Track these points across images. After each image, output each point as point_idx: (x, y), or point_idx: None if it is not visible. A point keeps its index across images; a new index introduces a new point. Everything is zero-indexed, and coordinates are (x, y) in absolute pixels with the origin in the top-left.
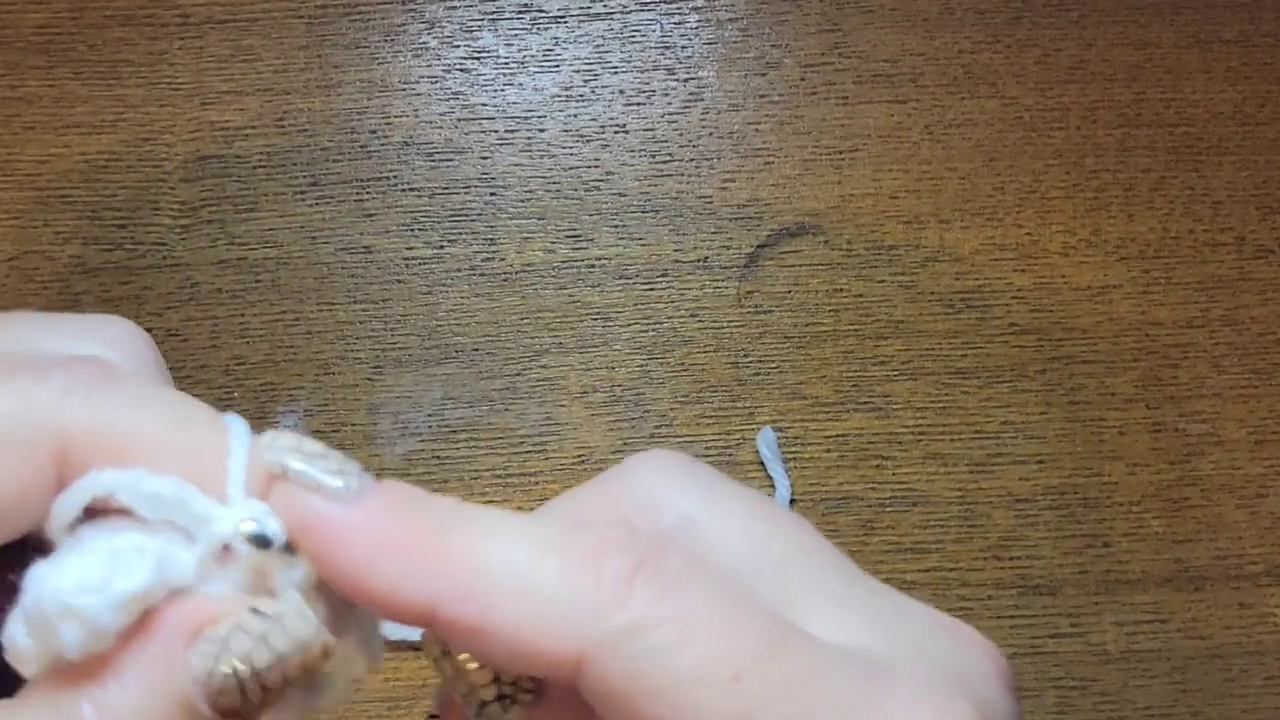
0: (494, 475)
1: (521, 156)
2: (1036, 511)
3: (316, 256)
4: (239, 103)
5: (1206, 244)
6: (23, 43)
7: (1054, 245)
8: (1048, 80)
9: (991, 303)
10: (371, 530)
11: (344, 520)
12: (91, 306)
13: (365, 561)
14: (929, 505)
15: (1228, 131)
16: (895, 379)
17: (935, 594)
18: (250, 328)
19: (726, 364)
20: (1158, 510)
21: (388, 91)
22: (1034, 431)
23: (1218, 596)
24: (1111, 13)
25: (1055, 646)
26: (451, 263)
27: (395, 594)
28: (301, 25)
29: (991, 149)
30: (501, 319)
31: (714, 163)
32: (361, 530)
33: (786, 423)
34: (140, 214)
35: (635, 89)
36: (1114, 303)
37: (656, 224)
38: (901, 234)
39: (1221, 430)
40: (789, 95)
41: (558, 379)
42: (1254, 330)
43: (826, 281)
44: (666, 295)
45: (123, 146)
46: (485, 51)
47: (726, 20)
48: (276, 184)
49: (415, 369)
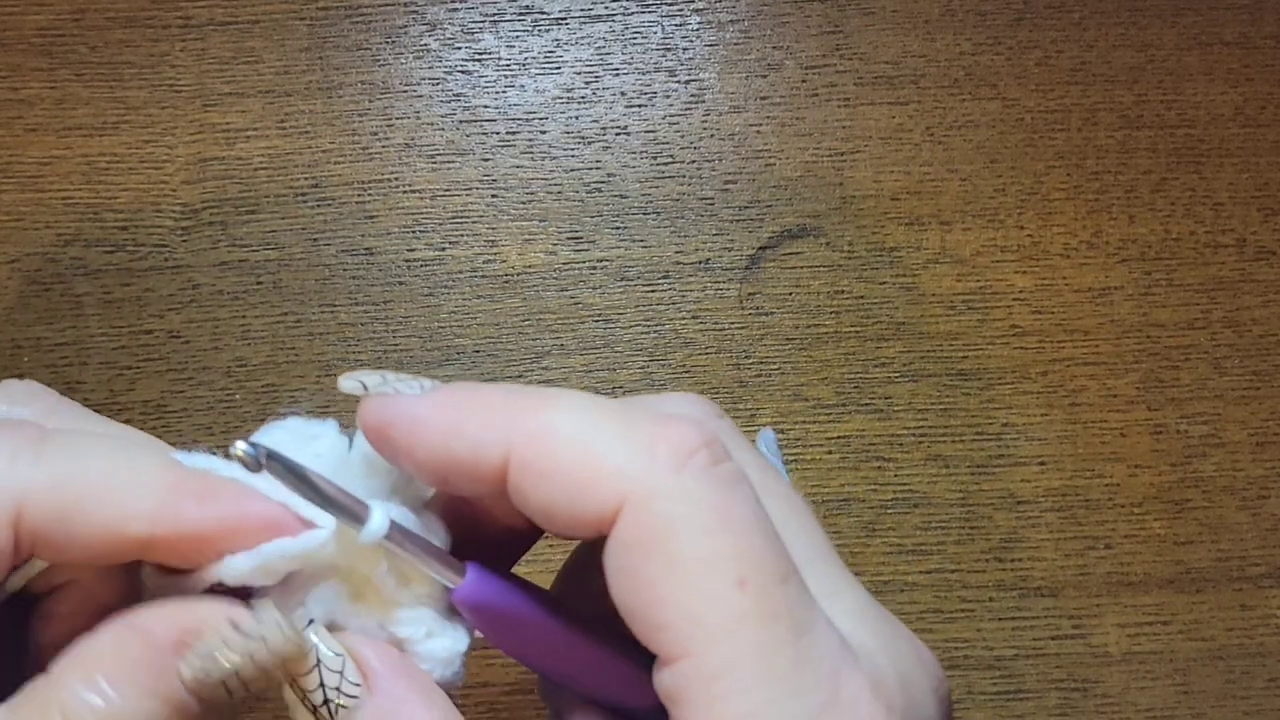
0: None
1: (523, 158)
2: (1038, 513)
3: (318, 258)
4: (240, 104)
5: (1208, 246)
6: (25, 45)
7: (1055, 247)
8: (1049, 82)
9: (993, 304)
10: (450, 404)
11: (426, 404)
12: (93, 308)
13: (449, 425)
14: (930, 507)
15: (1229, 133)
16: (897, 380)
17: (937, 595)
18: (252, 329)
19: (728, 366)
20: (1159, 512)
21: (389, 93)
22: (1035, 433)
23: (1219, 598)
24: (1113, 14)
25: (1057, 648)
26: (453, 264)
27: (477, 448)
28: (303, 27)
29: (993, 150)
30: (503, 321)
31: (715, 164)
32: (442, 406)
33: (788, 424)
34: (142, 216)
35: (636, 91)
36: (1115, 304)
37: (658, 226)
38: (903, 235)
39: (1223, 432)
40: (790, 97)
41: (559, 381)
42: (1255, 332)
43: (828, 283)
44: (668, 297)
45: (124, 148)
46: (486, 53)
47: (728, 22)
48: (278, 186)
49: (417, 371)
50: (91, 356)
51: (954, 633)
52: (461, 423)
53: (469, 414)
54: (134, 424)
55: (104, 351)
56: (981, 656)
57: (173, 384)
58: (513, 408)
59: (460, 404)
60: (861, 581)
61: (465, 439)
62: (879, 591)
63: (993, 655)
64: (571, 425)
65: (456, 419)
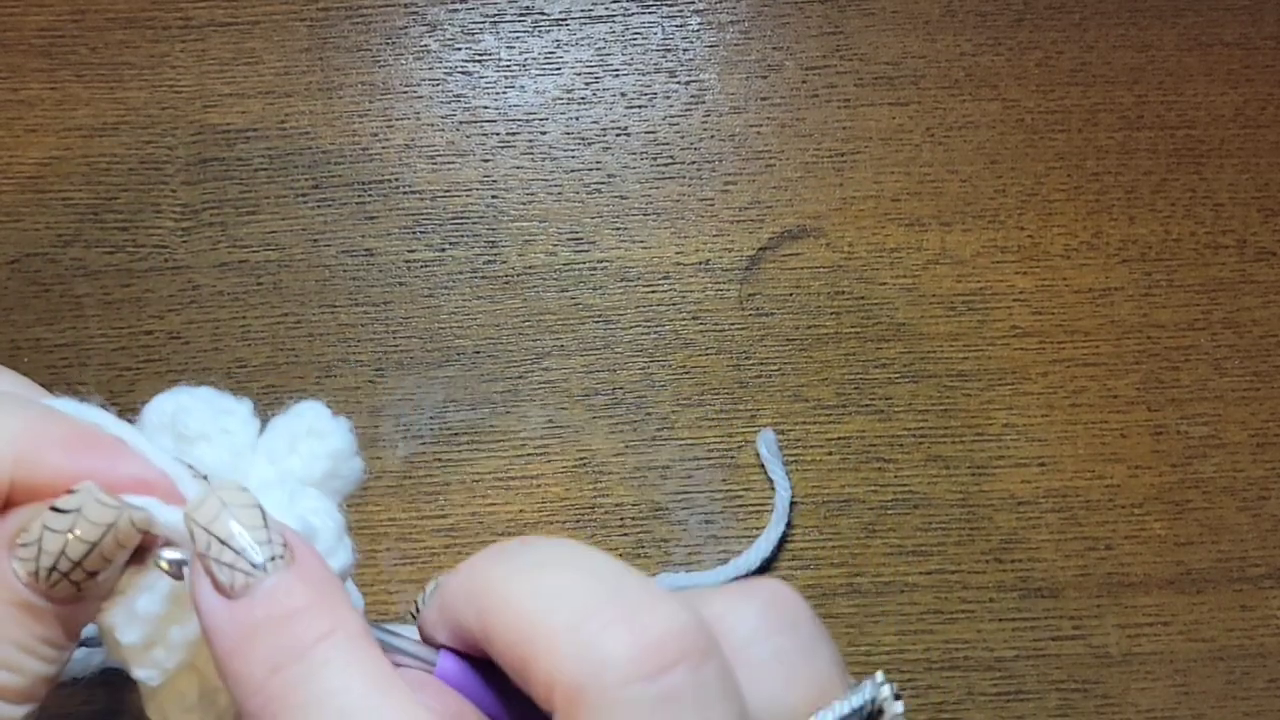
0: (495, 478)
1: (523, 159)
2: (1038, 514)
3: (318, 259)
4: (241, 105)
5: (1208, 246)
6: (25, 45)
7: (1055, 248)
8: (1049, 83)
9: (993, 305)
10: (227, 636)
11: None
12: (93, 309)
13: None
14: (931, 508)
15: (1229, 134)
16: (897, 381)
17: (937, 596)
18: (252, 330)
19: (728, 366)
20: (1159, 513)
21: (389, 94)
22: (1036, 434)
23: (1219, 599)
24: (1113, 15)
25: (1057, 649)
26: (453, 265)
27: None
28: (303, 28)
29: (993, 151)
30: (503, 322)
31: (715, 165)
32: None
33: (788, 425)
34: (142, 217)
35: (637, 92)
36: (1115, 305)
37: (658, 226)
38: (903, 236)
39: (1223, 433)
40: (790, 98)
41: (560, 382)
42: (1255, 333)
43: (828, 284)
44: (668, 298)
45: (124, 149)
46: (487, 54)
47: (728, 23)
48: (278, 187)
49: (417, 372)
50: (91, 358)
51: (954, 634)
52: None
53: (239, 654)
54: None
55: (104, 353)
56: (982, 657)
57: (173, 385)
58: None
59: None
60: (861, 583)
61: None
62: (879, 593)
63: (993, 656)
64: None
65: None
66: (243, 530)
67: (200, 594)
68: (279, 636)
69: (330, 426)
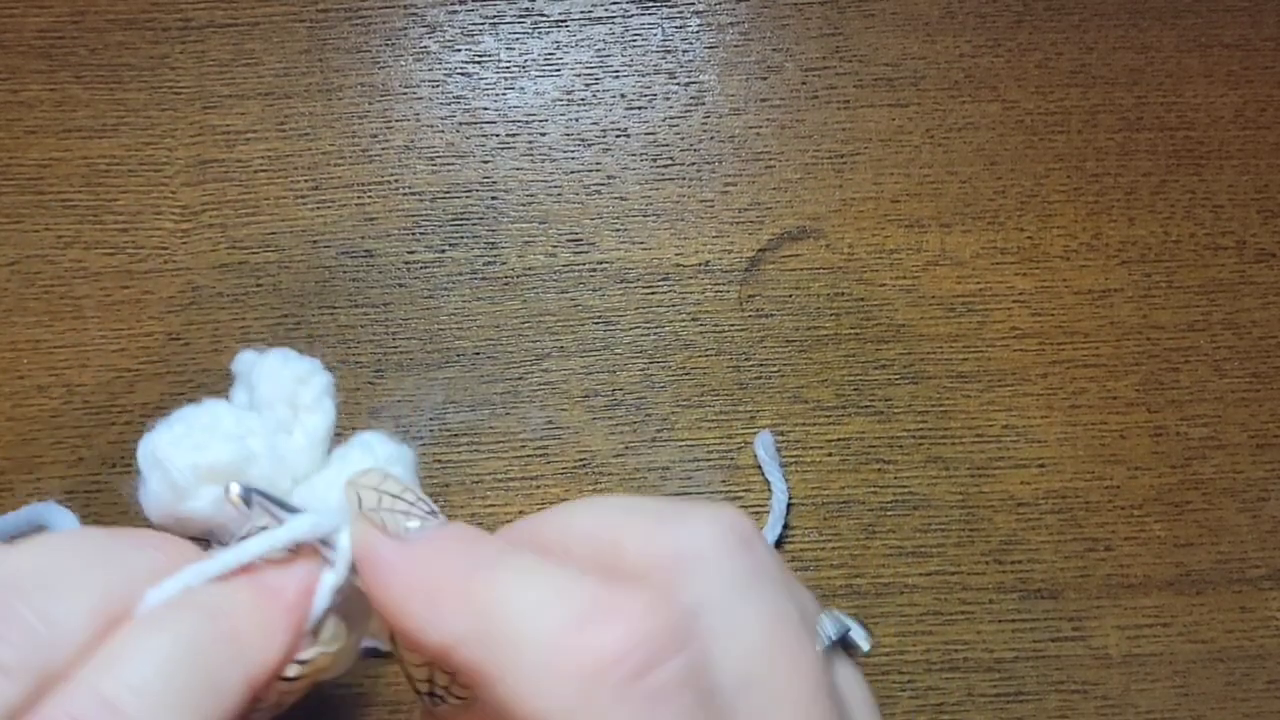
0: (495, 479)
1: (523, 160)
2: (1038, 515)
3: (318, 260)
4: (240, 106)
5: (1208, 248)
6: (24, 47)
7: (1055, 249)
8: (1049, 84)
9: (993, 306)
10: (408, 573)
11: (389, 560)
12: (93, 310)
13: (400, 600)
14: (930, 509)
15: (1229, 135)
16: (896, 383)
17: (937, 598)
18: (252, 332)
19: (728, 368)
20: (1159, 514)
21: (389, 95)
22: (1035, 435)
23: (1219, 600)
24: (1112, 16)
25: (1057, 650)
26: (453, 266)
27: (421, 632)
28: (303, 29)
29: (993, 153)
30: (503, 323)
31: (715, 166)
32: (401, 572)
33: (788, 426)
34: (142, 218)
35: (636, 93)
36: (1115, 306)
37: (658, 228)
38: (902, 238)
39: (1223, 434)
40: (790, 99)
41: (559, 383)
42: (1255, 334)
43: (828, 285)
44: (668, 299)
45: (124, 150)
46: (486, 55)
47: (727, 24)
48: (278, 188)
49: (416, 373)
50: (91, 359)
51: (954, 635)
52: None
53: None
54: (134, 427)
55: (104, 354)
56: (981, 659)
57: (173, 387)
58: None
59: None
60: (861, 584)
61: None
62: (879, 594)
63: (993, 657)
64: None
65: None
66: (407, 488)
67: (372, 544)
68: (470, 556)
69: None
